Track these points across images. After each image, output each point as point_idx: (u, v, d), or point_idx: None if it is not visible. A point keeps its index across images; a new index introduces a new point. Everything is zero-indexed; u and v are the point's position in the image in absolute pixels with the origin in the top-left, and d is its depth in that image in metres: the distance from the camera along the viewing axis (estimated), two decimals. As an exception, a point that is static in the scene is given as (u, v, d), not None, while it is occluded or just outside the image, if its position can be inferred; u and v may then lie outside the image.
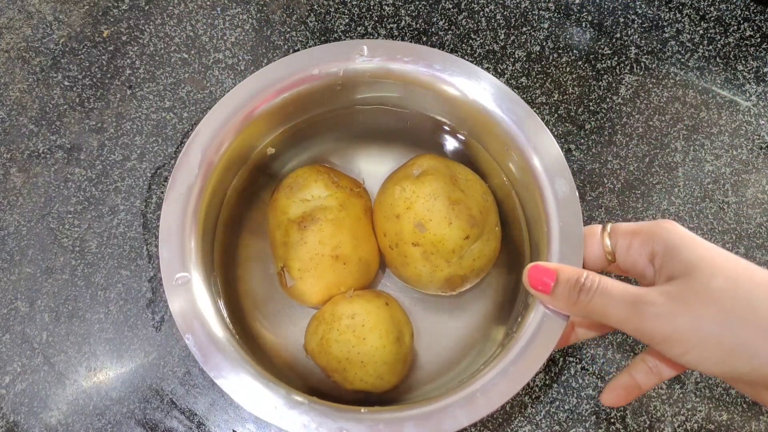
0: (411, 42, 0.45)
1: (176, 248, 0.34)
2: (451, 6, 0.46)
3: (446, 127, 0.41)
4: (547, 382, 0.39)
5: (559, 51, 0.46)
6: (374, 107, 0.41)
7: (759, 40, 0.46)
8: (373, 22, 0.46)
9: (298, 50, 0.39)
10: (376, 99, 0.40)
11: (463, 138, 0.41)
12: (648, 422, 0.39)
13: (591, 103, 0.45)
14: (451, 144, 0.41)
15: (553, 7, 0.46)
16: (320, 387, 0.37)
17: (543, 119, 0.43)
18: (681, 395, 0.39)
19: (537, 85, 0.45)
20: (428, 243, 0.35)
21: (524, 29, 0.46)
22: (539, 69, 0.45)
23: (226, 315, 0.37)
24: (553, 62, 0.45)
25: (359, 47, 0.37)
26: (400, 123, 0.42)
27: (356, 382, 0.35)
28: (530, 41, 0.46)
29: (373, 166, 0.41)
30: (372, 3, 0.46)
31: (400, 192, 0.36)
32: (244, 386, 0.32)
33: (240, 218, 0.40)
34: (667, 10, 0.47)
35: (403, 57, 0.37)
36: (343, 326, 0.34)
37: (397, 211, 0.36)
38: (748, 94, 0.45)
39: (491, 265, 0.38)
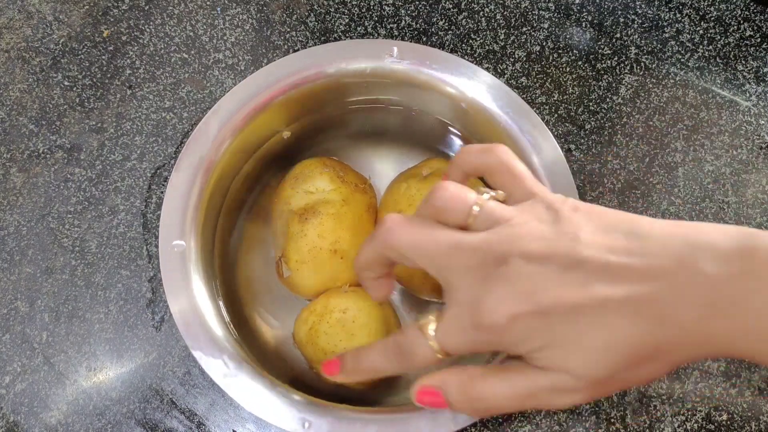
0: (411, 42, 0.45)
1: (178, 216, 0.34)
2: (451, 6, 0.46)
3: (464, 140, 0.40)
4: (547, 382, 0.39)
5: (559, 51, 0.46)
6: (398, 108, 0.41)
7: (759, 40, 0.46)
8: (373, 22, 0.46)
9: (298, 50, 0.39)
10: (400, 101, 0.40)
11: None
12: (648, 422, 0.39)
13: (591, 103, 0.45)
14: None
15: (553, 7, 0.46)
16: (302, 378, 0.37)
17: (543, 119, 0.43)
18: (681, 395, 0.39)
19: (537, 85, 0.45)
20: None
21: (524, 29, 0.46)
22: (539, 69, 0.45)
23: (220, 294, 0.37)
24: (553, 62, 0.45)
25: (389, 48, 0.37)
26: (421, 127, 0.41)
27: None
28: (530, 41, 0.46)
29: (386, 166, 0.41)
30: (372, 3, 0.46)
31: (405, 189, 0.36)
32: (202, 341, 0.32)
33: (247, 201, 0.40)
34: (667, 10, 0.47)
35: (432, 63, 0.37)
36: (333, 319, 0.34)
37: (399, 207, 0.36)
38: (748, 94, 0.45)
39: None
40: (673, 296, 0.24)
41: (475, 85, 0.36)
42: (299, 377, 0.38)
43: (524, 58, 0.45)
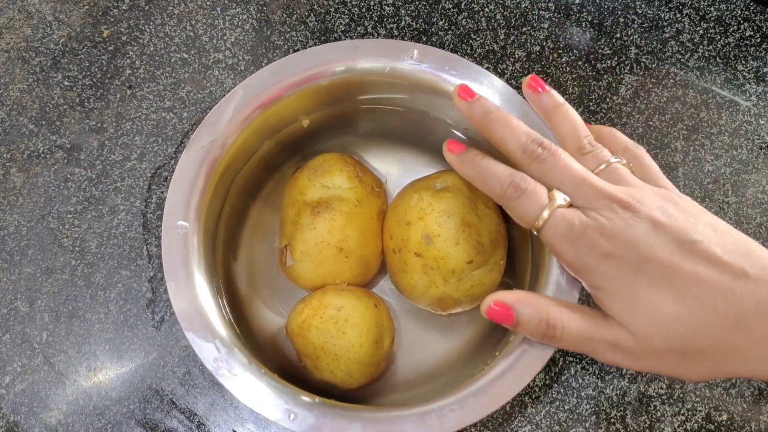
0: (411, 42, 0.45)
1: (184, 197, 0.34)
2: (451, 6, 0.46)
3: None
4: (547, 382, 0.39)
5: (559, 51, 0.46)
6: (412, 111, 0.41)
7: (759, 40, 0.46)
8: (373, 22, 0.46)
9: (299, 50, 0.39)
10: (415, 104, 0.40)
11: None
12: (648, 422, 0.39)
13: (591, 103, 0.45)
14: None
15: (553, 7, 0.46)
16: (291, 370, 0.37)
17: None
18: (681, 395, 0.39)
19: (537, 85, 0.45)
20: (431, 257, 0.35)
21: (524, 29, 0.46)
22: (539, 69, 0.45)
23: (219, 278, 0.37)
24: (553, 62, 0.45)
25: (410, 49, 0.37)
26: (434, 132, 0.41)
27: (325, 373, 0.35)
28: (530, 41, 0.46)
29: (398, 170, 0.41)
30: (372, 3, 0.46)
31: (417, 201, 0.36)
32: (196, 323, 0.32)
33: (258, 186, 0.40)
34: (667, 10, 0.47)
35: (451, 69, 0.36)
36: (327, 315, 0.35)
37: (409, 218, 0.35)
38: (748, 94, 0.45)
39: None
40: (753, 305, 0.26)
41: (492, 95, 0.36)
42: (289, 369, 0.38)
43: (524, 58, 0.45)
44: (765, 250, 0.28)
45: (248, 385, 0.31)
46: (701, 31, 0.46)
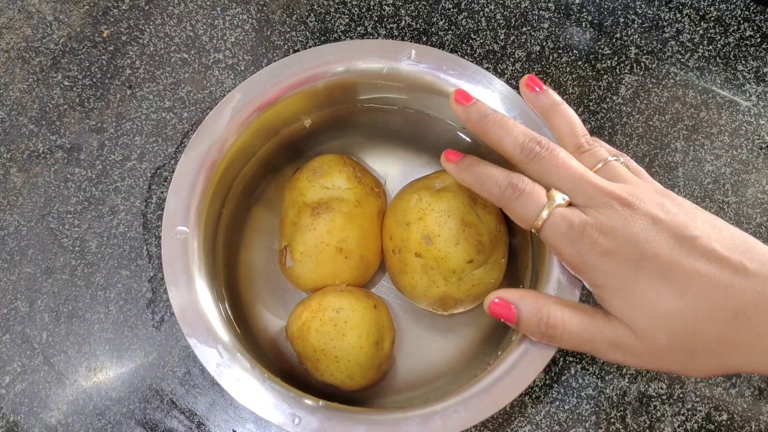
0: (411, 42, 0.45)
1: (183, 202, 0.34)
2: (451, 6, 0.46)
3: (474, 147, 0.40)
4: (547, 382, 0.39)
5: (559, 51, 0.46)
6: (411, 111, 0.40)
7: (759, 40, 0.46)
8: (373, 22, 0.46)
9: (299, 50, 0.40)
10: (414, 104, 0.40)
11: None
12: (648, 422, 0.39)
13: (591, 103, 0.45)
14: None
15: (553, 7, 0.46)
16: (293, 372, 0.37)
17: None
18: (681, 395, 0.39)
19: (537, 85, 0.45)
20: (431, 257, 0.35)
21: (524, 29, 0.46)
22: (539, 69, 0.45)
23: (220, 282, 0.37)
24: (553, 62, 0.45)
25: (408, 50, 0.37)
26: (434, 132, 0.41)
27: (326, 375, 0.35)
28: (530, 41, 0.46)
29: (398, 170, 0.41)
30: (372, 3, 0.46)
31: (417, 201, 0.36)
32: (198, 329, 0.32)
33: (257, 188, 0.40)
34: (667, 10, 0.47)
35: (449, 69, 0.36)
36: (326, 317, 0.35)
37: (408, 218, 0.35)
38: (748, 94, 0.45)
39: None
40: (754, 299, 0.27)
41: (490, 94, 0.36)
42: (291, 371, 0.38)
43: (524, 58, 0.45)
44: (764, 246, 0.28)
45: (252, 390, 0.31)
46: (701, 31, 0.46)
